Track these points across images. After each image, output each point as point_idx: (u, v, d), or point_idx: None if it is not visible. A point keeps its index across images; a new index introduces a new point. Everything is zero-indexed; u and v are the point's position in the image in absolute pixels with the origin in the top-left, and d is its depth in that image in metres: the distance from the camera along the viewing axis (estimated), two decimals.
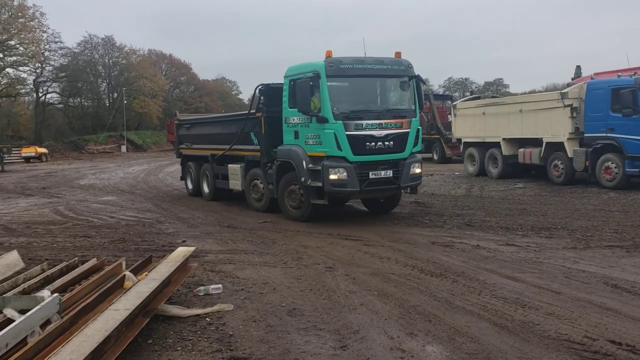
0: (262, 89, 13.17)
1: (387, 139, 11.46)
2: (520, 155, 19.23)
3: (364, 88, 12.05)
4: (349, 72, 11.49)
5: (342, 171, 11.12)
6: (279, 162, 12.47)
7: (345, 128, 11.12)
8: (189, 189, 17.89)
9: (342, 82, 11.84)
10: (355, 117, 11.26)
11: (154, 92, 67.95)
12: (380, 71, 11.82)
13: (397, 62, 12.09)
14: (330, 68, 11.23)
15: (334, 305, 6.28)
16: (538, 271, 7.54)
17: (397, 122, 11.66)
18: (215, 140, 15.63)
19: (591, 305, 6.02)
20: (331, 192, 11.34)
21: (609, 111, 15.85)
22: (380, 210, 13.28)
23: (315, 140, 11.51)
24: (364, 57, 11.74)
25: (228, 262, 8.58)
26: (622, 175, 15.61)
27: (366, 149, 11.28)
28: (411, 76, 12.20)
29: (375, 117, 11.46)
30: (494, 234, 10.37)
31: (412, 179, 12.03)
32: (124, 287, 5.83)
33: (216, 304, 6.39)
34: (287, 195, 12.42)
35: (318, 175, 11.34)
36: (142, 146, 63.81)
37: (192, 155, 17.46)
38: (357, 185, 11.22)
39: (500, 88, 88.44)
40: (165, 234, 11.35)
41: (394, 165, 11.64)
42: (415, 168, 12.01)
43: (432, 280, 7.27)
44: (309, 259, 8.66)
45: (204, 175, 16.62)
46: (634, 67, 16.98)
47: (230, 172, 14.73)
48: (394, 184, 11.72)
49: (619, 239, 9.44)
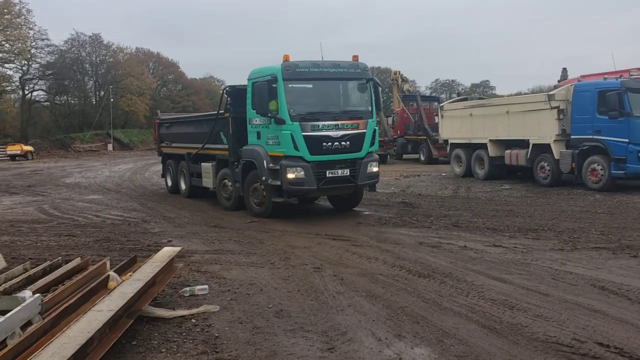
0: (229, 91, 13.65)
1: (344, 139, 11.93)
2: (507, 157, 19.28)
3: (321, 91, 12.48)
4: (305, 75, 11.98)
5: (299, 170, 11.60)
6: (244, 162, 12.97)
7: (302, 129, 11.59)
8: (168, 186, 18.47)
9: (300, 85, 12.28)
10: (311, 118, 11.72)
11: (141, 90, 67.51)
12: (337, 74, 12.32)
13: (353, 65, 12.57)
14: (287, 71, 11.70)
15: (322, 307, 6.22)
16: (526, 273, 7.53)
17: (354, 123, 12.13)
18: (191, 139, 16.10)
19: (579, 307, 6.00)
20: (289, 190, 11.82)
21: (596, 113, 15.92)
22: (343, 207, 13.93)
23: (274, 141, 11.99)
24: (321, 61, 12.24)
25: (214, 263, 8.49)
26: (608, 177, 15.69)
27: (323, 149, 11.75)
28: (367, 79, 12.68)
29: (332, 119, 11.91)
30: (481, 235, 10.37)
31: (370, 178, 12.52)
32: (108, 287, 5.73)
33: (202, 305, 6.31)
34: (251, 193, 12.93)
35: (277, 174, 11.82)
36: (129, 145, 63.38)
37: (171, 153, 17.94)
38: (315, 183, 11.71)
39: (487, 90, 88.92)
40: (150, 234, 11.23)
41: (351, 164, 12.12)
42: (372, 167, 12.47)
43: (420, 281, 7.23)
44: (296, 259, 8.60)
45: (182, 173, 17.16)
46: (620, 70, 17.09)
47: (203, 171, 15.24)
48: (351, 182, 12.22)
49: (605, 240, 9.46)
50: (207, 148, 14.92)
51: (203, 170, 15.24)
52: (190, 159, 16.05)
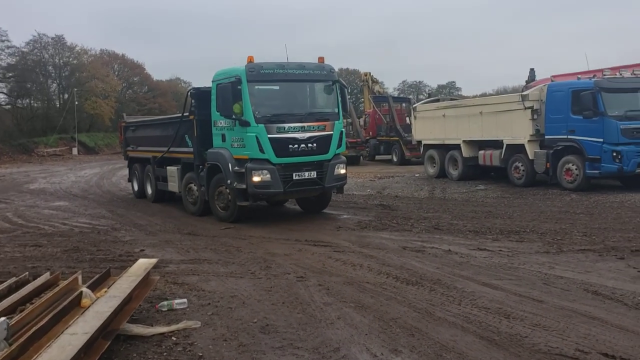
0: (194, 93, 13.36)
1: (310, 141, 11.78)
2: (481, 157, 19.26)
3: (287, 92, 12.32)
4: (269, 77, 11.83)
5: (265, 173, 11.41)
6: (209, 165, 12.71)
7: (268, 131, 11.43)
8: (135, 191, 18.23)
9: (265, 87, 12.15)
10: (277, 120, 11.58)
11: (106, 93, 66.03)
12: (302, 76, 12.16)
13: (319, 67, 12.44)
14: (251, 73, 11.52)
15: (310, 320, 5.89)
16: (515, 278, 7.33)
17: (320, 125, 12.01)
18: (156, 143, 15.88)
19: (576, 314, 5.81)
20: (255, 193, 11.65)
21: (570, 113, 15.95)
22: (312, 209, 13.75)
23: (239, 144, 11.80)
24: (286, 63, 12.12)
25: (191, 273, 8.08)
26: (582, 176, 15.74)
27: (289, 151, 11.60)
28: (333, 81, 12.56)
29: (298, 120, 11.78)
30: (464, 238, 10.18)
31: (337, 180, 12.41)
32: (81, 305, 5.29)
33: (181, 320, 5.93)
34: (216, 197, 12.68)
35: (242, 178, 11.61)
36: (94, 148, 61.85)
37: (138, 157, 17.68)
38: (281, 186, 11.55)
39: (453, 91, 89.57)
40: (122, 243, 10.75)
41: (318, 166, 12.01)
42: (339, 169, 12.37)
43: (409, 289, 6.97)
44: (277, 267, 8.25)
45: (148, 177, 16.97)
46: (593, 70, 17.17)
47: (169, 175, 14.97)
48: (319, 185, 12.10)
49: (589, 242, 9.36)
50: (172, 151, 14.70)
51: (168, 174, 14.97)
52: (156, 163, 15.82)
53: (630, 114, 15.37)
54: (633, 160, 15.04)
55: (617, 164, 15.01)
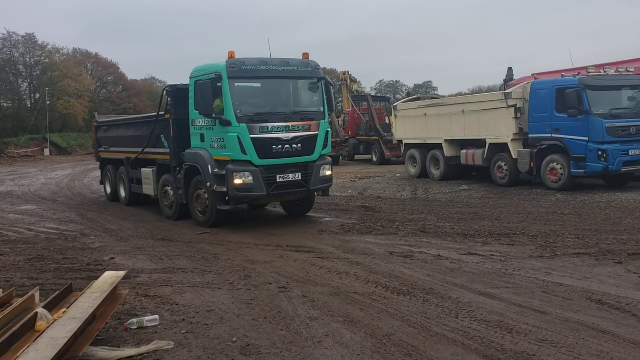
0: (170, 91, 12.70)
1: (295, 142, 11.23)
2: (463, 157, 18.92)
3: (270, 90, 11.73)
4: (252, 73, 11.21)
5: (247, 175, 10.85)
6: (187, 166, 12.14)
7: (250, 131, 10.84)
8: (107, 194, 17.49)
9: (247, 84, 11.57)
10: (260, 119, 10.99)
11: (80, 92, 64.59)
12: (286, 73, 11.59)
13: (303, 63, 11.87)
14: (232, 69, 10.90)
15: (295, 338, 5.34)
16: (512, 286, 6.88)
17: (305, 125, 11.46)
18: (130, 143, 15.24)
19: (583, 327, 5.36)
20: (236, 197, 11.03)
21: (554, 112, 15.66)
22: (296, 212, 13.22)
23: (219, 144, 11.20)
24: (269, 58, 11.49)
25: (164, 284, 7.48)
26: (567, 176, 15.45)
27: (273, 152, 11.03)
28: (319, 78, 11.99)
29: (282, 120, 11.22)
30: (453, 241, 9.74)
31: (323, 182, 11.86)
32: (36, 329, 4.67)
33: (153, 340, 5.35)
34: (194, 200, 12.10)
35: (223, 180, 11.01)
36: (67, 149, 60.37)
37: (110, 158, 16.96)
38: (264, 189, 10.98)
39: (430, 90, 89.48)
40: (90, 250, 10.08)
41: (303, 168, 11.48)
42: (325, 170, 11.84)
43: (401, 300, 6.47)
44: (258, 277, 7.68)
45: (121, 179, 16.19)
46: (578, 67, 16.91)
47: (144, 177, 14.32)
48: (304, 187, 11.55)
49: (583, 245, 8.97)
50: (147, 152, 14.05)
51: (143, 176, 14.30)
52: (130, 164, 15.11)
53: (615, 112, 15.16)
54: (618, 159, 14.81)
55: (603, 163, 14.75)
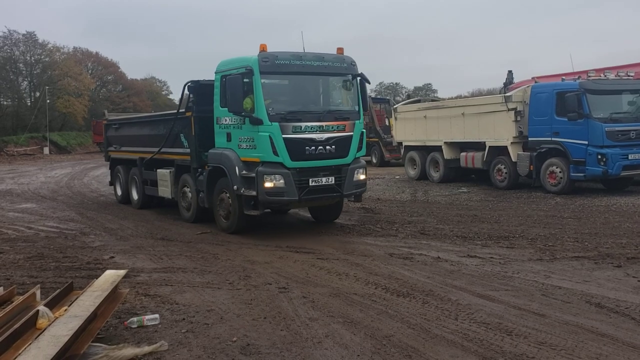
0: (192, 86, 11.89)
1: (329, 143, 10.49)
2: (463, 159, 18.92)
3: (303, 87, 11.02)
4: (285, 68, 10.42)
5: (278, 178, 10.09)
6: (210, 168, 11.37)
7: (282, 131, 10.11)
8: (118, 196, 16.59)
9: (279, 80, 10.86)
10: (293, 118, 10.26)
11: (80, 91, 64.60)
12: (321, 68, 10.82)
13: (339, 59, 11.13)
14: (264, 64, 10.16)
15: (295, 339, 5.36)
16: (511, 288, 6.91)
17: (340, 125, 10.74)
18: (144, 143, 14.46)
19: (582, 330, 5.38)
20: (266, 201, 10.31)
21: (554, 115, 15.68)
22: (325, 219, 12.39)
23: (248, 144, 10.43)
24: (303, 53, 10.79)
25: (164, 284, 7.49)
26: (567, 179, 15.47)
27: (305, 154, 10.30)
28: (354, 74, 11.27)
29: (316, 119, 10.49)
30: (452, 243, 9.76)
31: (356, 186, 11.13)
32: (37, 327, 4.69)
33: (153, 338, 5.37)
34: (218, 204, 11.35)
35: (252, 183, 10.26)
36: (66, 148, 60.39)
37: (121, 158, 16.15)
38: (296, 193, 10.20)
39: (429, 93, 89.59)
40: (90, 249, 10.09)
41: (336, 171, 10.72)
42: (359, 174, 11.12)
43: (400, 301, 6.49)
44: (258, 277, 7.70)
45: (133, 180, 15.37)
46: (578, 71, 16.94)
47: (159, 178, 13.55)
48: (337, 192, 10.78)
49: (582, 248, 9.00)
50: (164, 152, 13.25)
51: (159, 177, 13.55)
52: (144, 165, 14.36)
53: (615, 116, 15.20)
54: (618, 163, 14.84)
55: (602, 167, 14.79)
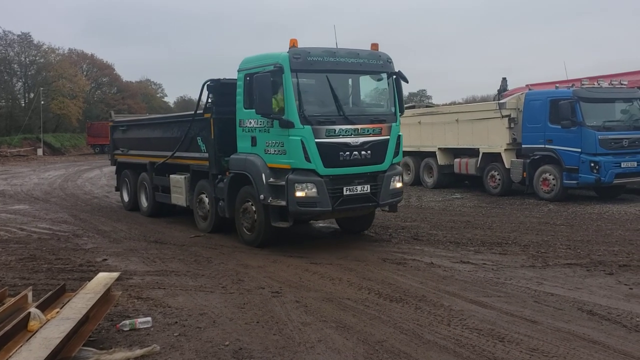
0: (212, 85, 10.94)
1: (364, 148, 9.60)
2: (456, 165, 19.00)
3: (336, 86, 9.93)
4: (318, 66, 9.49)
5: (311, 187, 9.19)
6: (232, 174, 10.43)
7: (315, 134, 9.20)
8: (125, 203, 15.62)
9: (308, 79, 9.86)
10: (326, 121, 9.36)
11: (74, 93, 64.45)
12: (355, 66, 9.93)
13: (374, 55, 10.20)
14: (296, 60, 9.25)
15: (288, 343, 5.36)
16: (504, 294, 6.93)
17: (376, 128, 9.83)
18: (155, 146, 13.63)
19: (574, 337, 5.41)
20: (297, 212, 9.36)
21: (547, 122, 15.78)
22: (354, 229, 11.50)
23: (277, 149, 9.49)
24: (336, 49, 9.85)
25: (157, 287, 7.48)
26: (560, 187, 15.56)
27: (339, 160, 9.40)
28: (391, 73, 10.35)
29: (350, 122, 9.56)
30: (445, 249, 9.79)
31: (393, 195, 10.18)
32: (29, 329, 4.67)
33: (145, 341, 5.36)
34: (241, 215, 10.33)
35: (281, 192, 9.33)
36: (60, 149, 60.22)
37: (129, 162, 15.28)
38: (329, 203, 9.29)
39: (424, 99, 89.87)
40: (83, 251, 10.06)
41: (372, 179, 9.82)
42: (395, 182, 10.19)
43: (393, 306, 6.50)
44: (251, 281, 7.70)
45: (142, 186, 14.48)
46: (572, 79, 17.06)
47: (173, 184, 12.67)
48: (372, 202, 9.87)
49: (574, 255, 9.04)
50: (178, 157, 12.36)
51: (172, 183, 12.65)
52: (155, 170, 13.52)
53: (608, 125, 15.31)
54: (611, 171, 14.94)
55: (595, 175, 14.87)
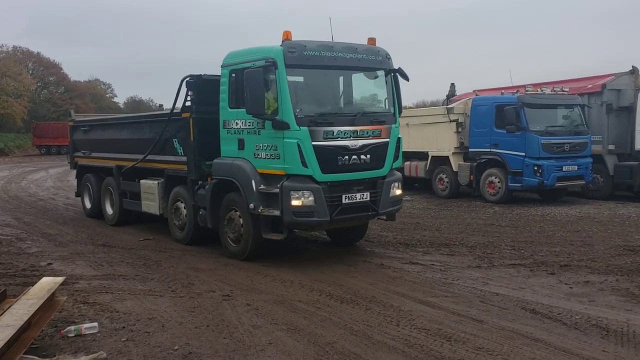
0: (192, 82, 9.96)
1: (363, 152, 8.79)
2: (407, 168, 19.30)
3: (333, 83, 9.27)
4: (314, 61, 8.62)
5: (307, 195, 8.31)
6: (215, 180, 9.51)
7: (312, 137, 8.37)
8: (87, 209, 14.42)
9: (304, 75, 8.96)
10: (324, 122, 8.52)
11: (19, 92, 62.38)
12: (353, 61, 9.06)
13: (373, 51, 9.35)
14: (291, 55, 8.40)
15: (238, 346, 5.35)
16: (451, 295, 7.10)
17: (375, 130, 9.00)
18: (123, 148, 12.52)
19: (518, 336, 5.59)
20: (293, 223, 8.49)
21: (493, 127, 16.25)
22: (345, 241, 10.60)
23: (269, 153, 8.59)
24: (333, 43, 8.92)
25: (104, 291, 7.33)
26: (505, 189, 16.04)
27: (338, 165, 8.58)
28: (390, 70, 9.50)
29: (349, 123, 8.75)
30: (395, 250, 9.95)
31: (392, 203, 9.41)
32: None
33: (90, 347, 5.25)
34: (225, 224, 9.48)
35: (273, 201, 8.46)
36: (4, 150, 58.15)
37: (92, 166, 14.14)
38: (327, 213, 8.42)
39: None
40: (26, 255, 9.76)
41: (371, 185, 9.02)
42: (395, 189, 9.39)
43: (344, 308, 6.57)
44: (201, 285, 7.63)
45: (107, 192, 13.28)
46: (517, 85, 17.59)
47: (144, 190, 11.63)
48: (372, 210, 9.05)
49: (518, 256, 9.33)
50: (150, 160, 11.36)
51: (143, 189, 11.63)
52: (122, 175, 12.44)
53: (550, 130, 15.85)
54: (553, 174, 15.47)
55: (538, 178, 15.38)
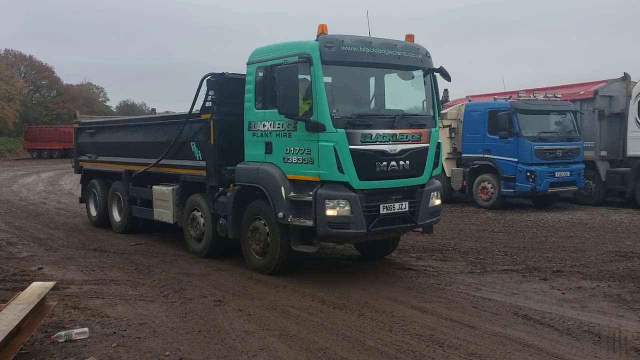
0: (213, 80, 9.24)
1: (402, 157, 8.01)
2: None
3: (371, 82, 8.58)
4: (353, 57, 7.87)
5: (343, 204, 7.53)
6: (239, 187, 8.74)
7: (349, 140, 7.58)
8: (92, 217, 13.59)
9: (347, 73, 8.13)
10: (362, 124, 7.74)
11: (11, 95, 62.16)
12: (393, 59, 8.25)
13: (413, 48, 8.54)
14: (328, 50, 7.63)
15: (230, 352, 5.31)
16: (444, 300, 7.09)
17: (415, 134, 8.22)
18: (134, 152, 11.84)
19: (510, 341, 5.58)
20: (327, 235, 7.73)
21: (486, 133, 16.32)
22: (375, 254, 9.76)
23: (301, 158, 7.80)
24: (371, 38, 8.20)
25: (95, 296, 7.28)
26: (498, 195, 16.08)
27: (376, 171, 7.81)
28: (430, 69, 8.71)
29: (389, 126, 7.99)
30: (388, 255, 9.92)
31: (432, 214, 8.60)
32: None
33: (81, 353, 5.20)
34: (249, 235, 8.68)
35: (305, 210, 7.69)
36: None
37: (98, 170, 13.47)
38: (364, 224, 7.63)
39: None
40: (17, 259, 9.68)
41: (410, 194, 8.21)
42: (434, 198, 8.57)
43: (336, 313, 6.55)
44: (193, 290, 7.59)
45: (115, 198, 12.58)
46: (510, 91, 17.66)
47: (157, 197, 10.87)
48: (410, 222, 8.23)
49: (511, 262, 9.35)
50: (164, 165, 10.61)
51: (155, 196, 10.86)
52: (132, 180, 11.70)
53: (543, 135, 15.92)
54: (545, 180, 15.53)
55: (531, 184, 15.44)
